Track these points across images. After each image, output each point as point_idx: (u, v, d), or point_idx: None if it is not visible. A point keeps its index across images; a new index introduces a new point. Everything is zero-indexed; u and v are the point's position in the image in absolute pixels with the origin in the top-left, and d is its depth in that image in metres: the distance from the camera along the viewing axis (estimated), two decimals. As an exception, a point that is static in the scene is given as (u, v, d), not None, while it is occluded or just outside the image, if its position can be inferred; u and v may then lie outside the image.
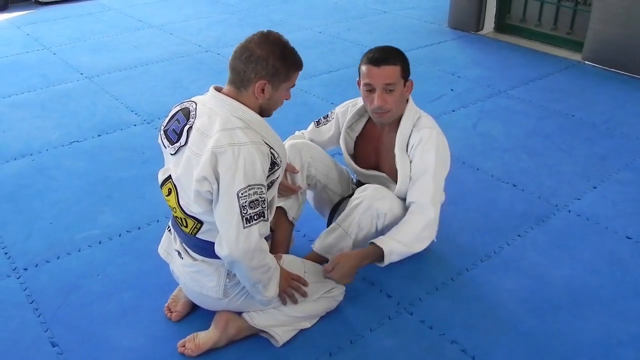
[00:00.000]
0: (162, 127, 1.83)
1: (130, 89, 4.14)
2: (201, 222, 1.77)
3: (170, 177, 1.80)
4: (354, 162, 2.26)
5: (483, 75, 4.33)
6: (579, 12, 4.70)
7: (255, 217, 1.65)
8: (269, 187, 1.75)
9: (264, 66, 1.68)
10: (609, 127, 3.49)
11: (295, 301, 1.93)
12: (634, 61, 4.19)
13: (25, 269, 2.35)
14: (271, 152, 1.72)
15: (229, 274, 1.83)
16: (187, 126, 1.73)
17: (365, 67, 2.03)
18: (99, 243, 2.50)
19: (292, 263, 2.00)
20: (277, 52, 1.70)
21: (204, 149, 1.66)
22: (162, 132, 1.82)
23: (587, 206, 2.72)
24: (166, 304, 2.09)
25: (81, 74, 4.43)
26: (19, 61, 4.72)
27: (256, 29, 1.77)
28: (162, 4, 6.45)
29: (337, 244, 2.09)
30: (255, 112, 1.74)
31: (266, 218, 1.70)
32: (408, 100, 2.13)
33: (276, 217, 2.13)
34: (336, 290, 2.04)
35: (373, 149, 2.23)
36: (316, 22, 5.65)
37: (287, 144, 2.17)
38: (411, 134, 2.09)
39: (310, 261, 2.09)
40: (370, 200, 2.03)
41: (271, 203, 1.85)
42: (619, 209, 2.70)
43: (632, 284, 2.24)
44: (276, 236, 2.15)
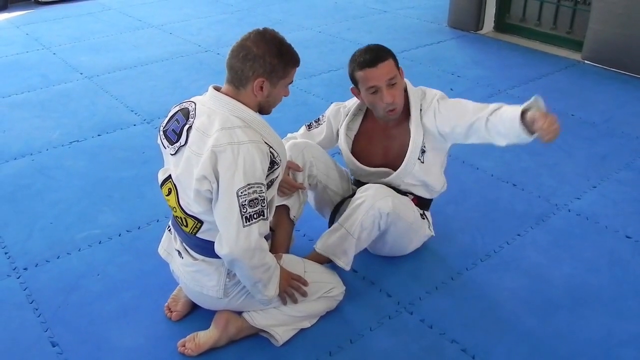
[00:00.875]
0: (162, 128, 1.83)
1: (130, 88, 4.14)
2: (201, 222, 1.77)
3: (170, 176, 1.80)
4: (357, 161, 2.26)
5: (483, 74, 4.32)
6: (578, 12, 4.70)
7: (255, 216, 1.66)
8: (268, 187, 1.75)
9: (261, 64, 1.69)
10: (609, 127, 3.49)
11: (295, 301, 1.93)
12: (634, 61, 4.19)
13: (25, 268, 2.35)
14: (271, 151, 1.72)
15: (229, 273, 1.83)
16: (187, 126, 1.73)
17: (362, 72, 2.03)
18: (99, 243, 2.50)
19: (292, 263, 2.00)
20: (274, 49, 1.70)
21: (203, 148, 1.66)
22: (161, 133, 1.83)
23: (587, 206, 2.72)
24: (166, 303, 2.09)
25: (81, 73, 4.43)
26: (18, 61, 4.72)
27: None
28: (162, 3, 6.45)
29: (339, 244, 2.08)
30: (254, 110, 1.75)
31: (266, 217, 1.70)
32: (406, 87, 2.14)
33: (278, 215, 2.13)
34: (336, 290, 2.04)
35: (380, 146, 2.22)
36: (316, 21, 5.65)
37: (288, 143, 2.17)
38: (422, 106, 2.13)
39: (310, 261, 2.09)
40: (373, 199, 2.03)
41: (271, 202, 1.86)
42: (619, 209, 2.70)
43: (632, 283, 2.24)
44: (277, 235, 2.15)
